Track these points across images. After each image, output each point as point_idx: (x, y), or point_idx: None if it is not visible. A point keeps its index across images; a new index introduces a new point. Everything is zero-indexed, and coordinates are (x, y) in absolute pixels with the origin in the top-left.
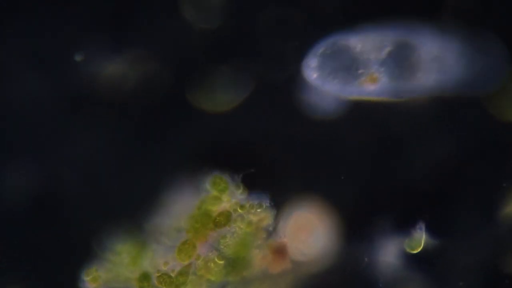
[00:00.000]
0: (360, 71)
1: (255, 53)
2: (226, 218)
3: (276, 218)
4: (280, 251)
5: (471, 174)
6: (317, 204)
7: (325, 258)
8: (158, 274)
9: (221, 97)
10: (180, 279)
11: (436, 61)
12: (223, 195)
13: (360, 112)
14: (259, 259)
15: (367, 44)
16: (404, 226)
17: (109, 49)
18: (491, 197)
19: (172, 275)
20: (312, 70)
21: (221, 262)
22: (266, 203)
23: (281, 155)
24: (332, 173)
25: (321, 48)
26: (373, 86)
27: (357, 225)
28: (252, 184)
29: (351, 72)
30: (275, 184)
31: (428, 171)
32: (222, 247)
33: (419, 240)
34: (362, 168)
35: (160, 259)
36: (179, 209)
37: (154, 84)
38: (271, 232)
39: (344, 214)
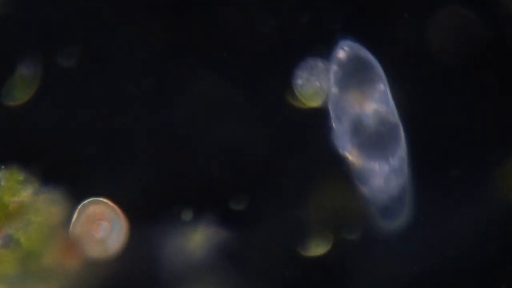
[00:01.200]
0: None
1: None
2: (20, 210)
3: (72, 212)
4: (74, 245)
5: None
6: (112, 199)
7: (119, 252)
8: None
9: (15, 88)
10: None
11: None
12: (17, 187)
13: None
14: (54, 252)
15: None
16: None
17: None
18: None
19: None
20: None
21: (15, 254)
22: (61, 196)
23: (81, 148)
24: (126, 168)
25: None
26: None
27: (152, 222)
28: (48, 177)
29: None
30: (72, 177)
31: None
32: (15, 239)
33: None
34: (153, 160)
35: None
36: None
37: None
38: (66, 226)
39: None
